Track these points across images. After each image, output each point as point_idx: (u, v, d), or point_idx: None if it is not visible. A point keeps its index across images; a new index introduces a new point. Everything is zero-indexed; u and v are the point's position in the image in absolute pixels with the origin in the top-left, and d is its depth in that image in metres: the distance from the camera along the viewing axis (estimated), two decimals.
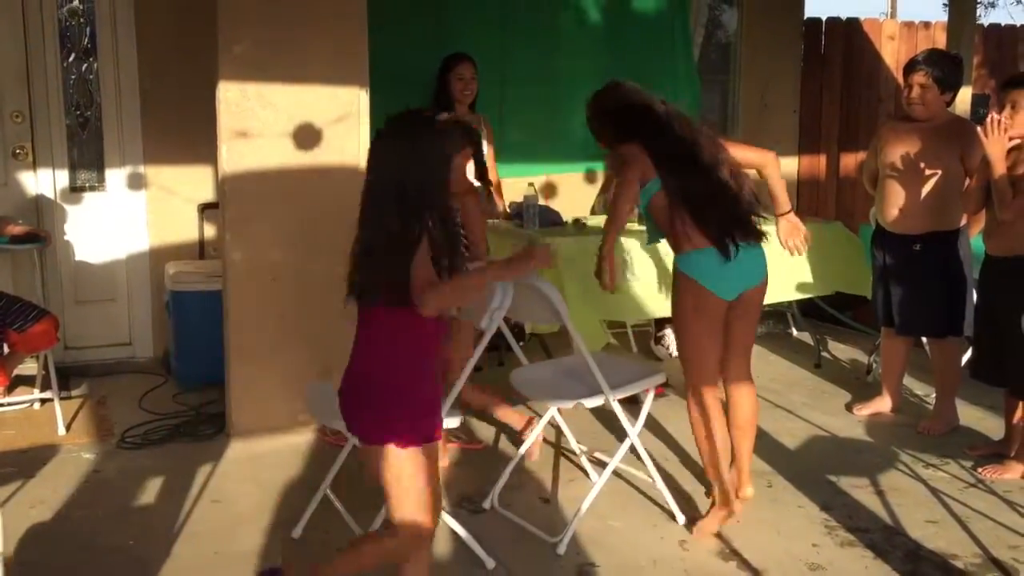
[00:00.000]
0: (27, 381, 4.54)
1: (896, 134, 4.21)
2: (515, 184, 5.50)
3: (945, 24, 6.18)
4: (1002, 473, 3.77)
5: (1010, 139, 3.65)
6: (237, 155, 3.97)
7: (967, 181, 4.05)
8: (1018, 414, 3.87)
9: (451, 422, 3.02)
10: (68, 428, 4.19)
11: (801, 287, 4.98)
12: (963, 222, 4.19)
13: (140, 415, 4.37)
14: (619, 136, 3.34)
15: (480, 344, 3.11)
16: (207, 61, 4.10)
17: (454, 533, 3.14)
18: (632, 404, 3.61)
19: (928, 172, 4.08)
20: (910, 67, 4.13)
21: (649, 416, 4.18)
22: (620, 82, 3.49)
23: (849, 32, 6.86)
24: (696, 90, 6.17)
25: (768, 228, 3.39)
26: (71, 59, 4.99)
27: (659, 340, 5.37)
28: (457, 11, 5.49)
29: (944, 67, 4.07)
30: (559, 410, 3.57)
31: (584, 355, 3.24)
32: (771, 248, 3.40)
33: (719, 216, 3.17)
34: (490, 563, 3.04)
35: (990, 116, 3.61)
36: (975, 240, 4.18)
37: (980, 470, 3.81)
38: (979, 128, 3.69)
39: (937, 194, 4.08)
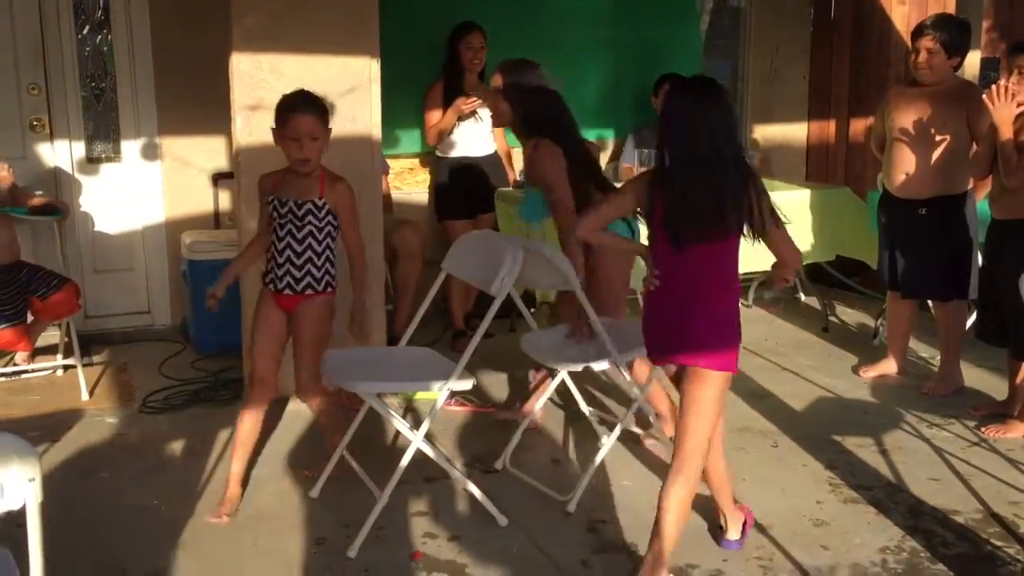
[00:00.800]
0: (48, 350, 4.64)
1: (904, 99, 4.24)
2: None
3: None
4: (1004, 432, 3.84)
5: (1017, 104, 3.69)
6: (251, 126, 4.03)
7: (974, 145, 4.08)
8: (1021, 375, 3.93)
9: (463, 384, 3.10)
10: (91, 393, 4.30)
11: (805, 252, 5.03)
12: (970, 186, 4.22)
13: (160, 381, 4.48)
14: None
15: (491, 311, 3.18)
16: (219, 32, 4.16)
17: (468, 493, 3.23)
18: None
19: (935, 136, 4.11)
20: (917, 32, 4.16)
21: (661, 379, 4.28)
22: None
23: None
24: (699, 61, 6.18)
25: None
26: (85, 31, 5.05)
27: None
28: None
29: (951, 32, 4.09)
30: (569, 373, 3.65)
31: (592, 320, 3.31)
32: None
33: None
34: (503, 520, 3.14)
35: (998, 82, 3.64)
36: (981, 204, 4.22)
37: (983, 429, 3.88)
38: (985, 93, 3.72)
39: (944, 158, 4.12)
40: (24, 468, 1.58)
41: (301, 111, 3.17)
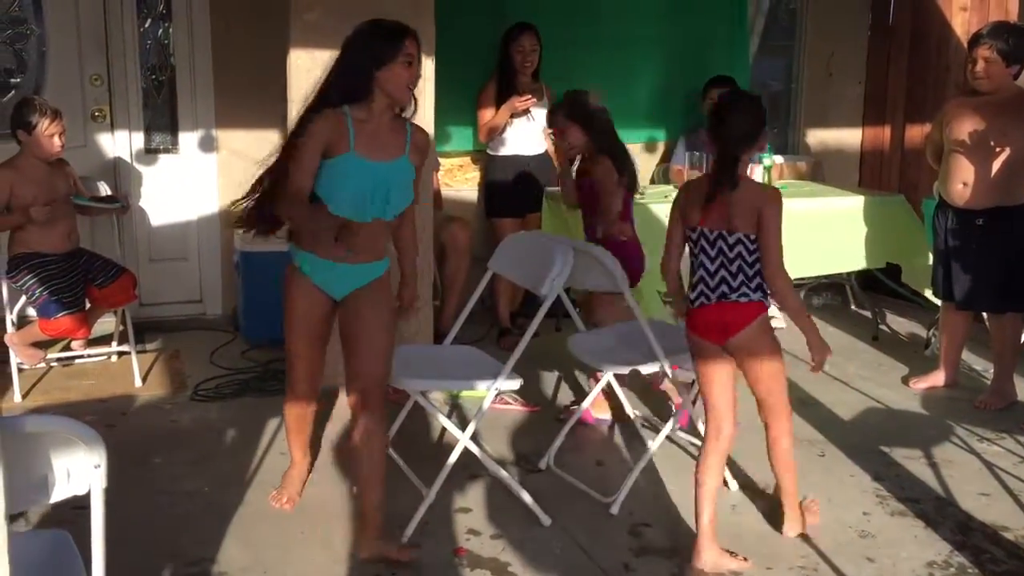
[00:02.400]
0: (103, 337, 4.74)
1: (962, 109, 4.17)
2: None
3: None
4: None
5: None
6: None
7: None
8: None
9: (511, 384, 3.12)
10: (144, 380, 4.39)
11: (853, 259, 4.99)
12: None
13: (211, 369, 4.56)
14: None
15: (540, 311, 3.20)
16: (278, 27, 4.22)
17: (511, 491, 3.25)
18: None
19: (994, 147, 4.04)
20: (974, 41, 4.10)
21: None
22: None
23: (918, 2, 6.72)
24: (746, 62, 6.12)
25: None
26: (147, 24, 5.15)
27: None
28: None
29: (1009, 39, 4.02)
30: (615, 376, 3.66)
31: (640, 322, 3.31)
32: (828, 219, 3.39)
33: None
34: (546, 520, 3.15)
35: None
36: None
37: None
38: None
39: (1003, 169, 4.05)
40: (91, 454, 1.63)
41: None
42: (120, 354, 4.61)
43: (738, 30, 6.09)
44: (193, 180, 5.29)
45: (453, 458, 3.10)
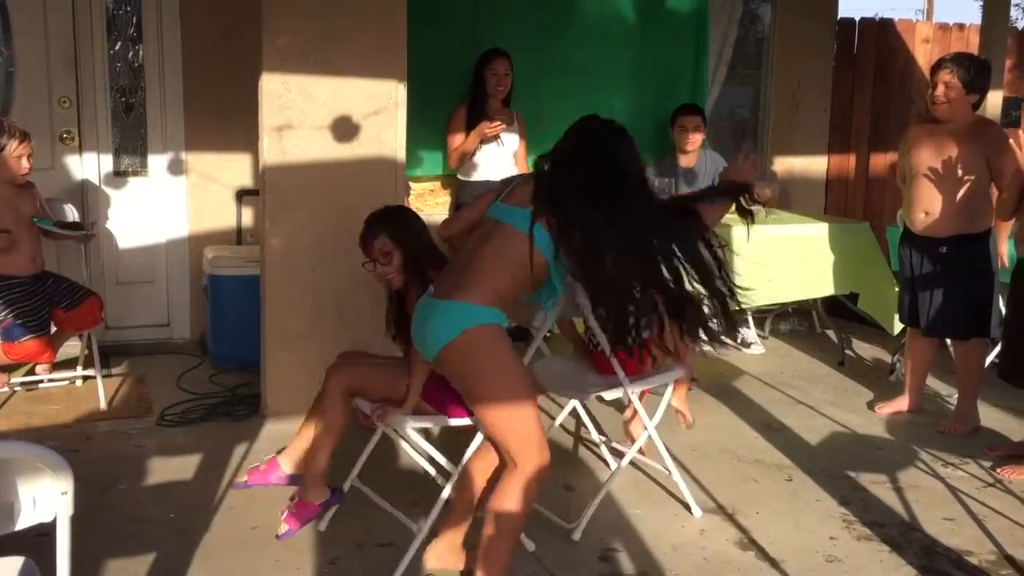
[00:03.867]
0: (68, 361, 4.68)
1: (923, 136, 4.26)
2: None
3: (979, 27, 6.19)
4: (1019, 474, 3.82)
5: None
6: (278, 145, 4.08)
7: (992, 184, 4.11)
8: None
9: None
10: (109, 405, 4.34)
11: (820, 286, 5.06)
12: (991, 224, 4.23)
13: (178, 394, 4.52)
14: None
15: (533, 343, 3.22)
16: (248, 50, 4.23)
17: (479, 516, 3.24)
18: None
19: (954, 175, 4.12)
20: (937, 66, 4.20)
21: (672, 409, 4.29)
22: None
23: (882, 33, 6.88)
24: (705, 90, 6.20)
25: None
26: (117, 46, 5.13)
27: None
28: (491, 5, 5.57)
29: (971, 69, 4.11)
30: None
31: (605, 348, 3.33)
32: (795, 246, 3.44)
33: None
34: (531, 545, 3.13)
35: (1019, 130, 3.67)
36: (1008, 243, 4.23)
37: (998, 470, 3.87)
38: (1010, 136, 3.75)
39: (963, 197, 4.13)
40: (57, 481, 1.61)
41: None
42: (85, 378, 4.56)
43: (701, 59, 6.17)
44: (162, 203, 5.26)
45: (446, 493, 3.09)
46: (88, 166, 5.11)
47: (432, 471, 3.26)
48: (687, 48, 6.12)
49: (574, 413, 3.85)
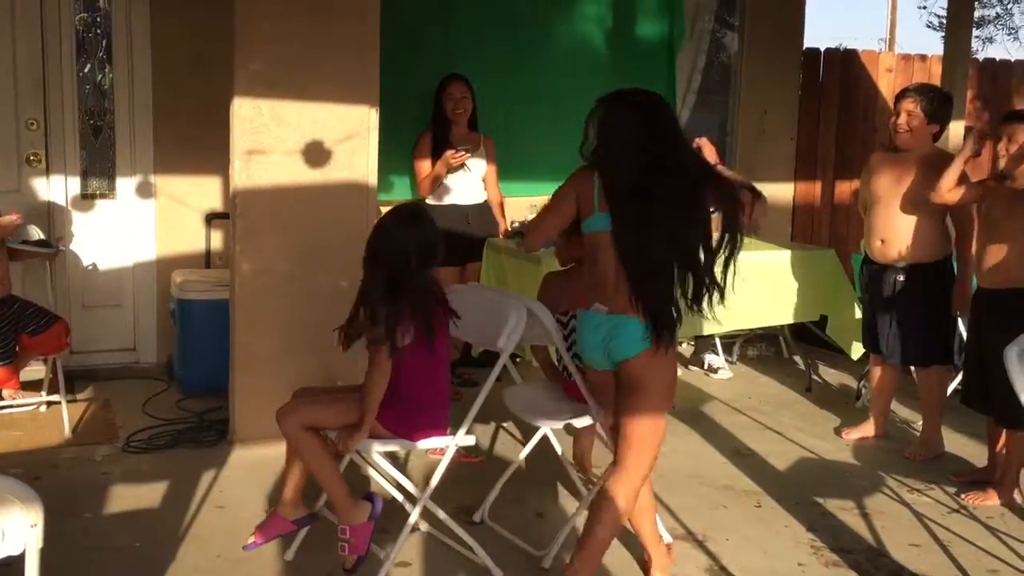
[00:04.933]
0: (32, 385, 4.61)
1: (884, 164, 4.35)
2: (517, 203, 5.61)
3: (941, 57, 6.32)
4: (984, 500, 3.87)
5: (995, 174, 3.81)
6: (249, 170, 4.07)
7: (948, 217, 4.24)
8: (1001, 442, 3.98)
9: (468, 440, 3.14)
10: (74, 431, 4.27)
11: (790, 312, 5.12)
12: (949, 252, 4.31)
13: (144, 420, 4.47)
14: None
15: (497, 365, 3.21)
16: (220, 74, 4.22)
17: (451, 544, 3.23)
18: None
19: (911, 204, 4.20)
20: (901, 95, 4.30)
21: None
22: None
23: (846, 63, 7.01)
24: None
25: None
26: (87, 68, 5.10)
27: None
28: (462, 31, 5.61)
29: (933, 100, 4.21)
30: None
31: (574, 375, 3.35)
32: (762, 273, 3.48)
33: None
34: (498, 573, 3.13)
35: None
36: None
37: (963, 496, 3.92)
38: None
39: (922, 225, 4.21)
40: (27, 513, 1.59)
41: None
42: (49, 403, 4.49)
43: (670, 87, 6.25)
44: (130, 226, 5.21)
45: (413, 519, 3.08)
46: (55, 188, 5.07)
47: (400, 497, 3.25)
48: (657, 76, 6.20)
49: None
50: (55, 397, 4.37)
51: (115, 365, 5.21)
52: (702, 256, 2.81)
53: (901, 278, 4.28)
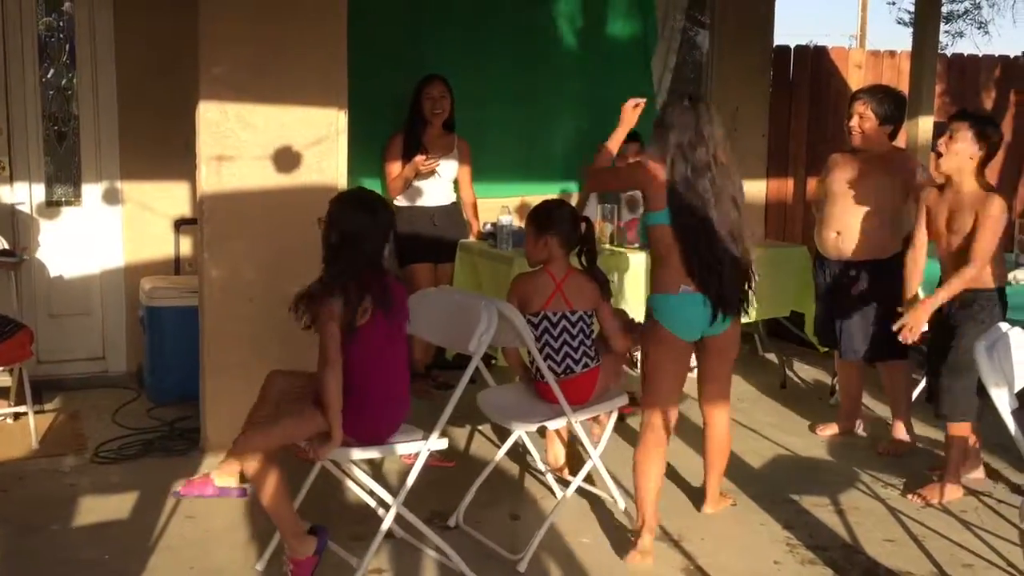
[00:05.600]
0: None
1: (842, 163, 4.40)
2: (490, 204, 5.58)
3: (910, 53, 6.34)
4: (935, 495, 3.84)
5: (942, 174, 3.86)
6: (216, 174, 4.02)
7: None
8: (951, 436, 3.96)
9: (440, 444, 3.11)
10: (41, 442, 4.20)
11: (762, 309, 5.11)
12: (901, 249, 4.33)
13: (114, 430, 4.40)
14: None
15: (468, 369, 3.19)
16: (186, 78, 4.17)
17: (424, 549, 3.20)
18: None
19: (866, 200, 4.23)
20: (853, 97, 4.36)
21: (620, 435, 4.30)
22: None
23: (816, 60, 7.03)
24: (651, 115, 6.25)
25: None
26: (50, 74, 5.02)
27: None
28: (434, 33, 5.57)
29: (884, 101, 4.25)
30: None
31: (548, 380, 3.34)
32: None
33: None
34: None
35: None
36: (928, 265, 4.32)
37: (909, 496, 3.88)
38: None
39: (874, 222, 4.24)
40: None
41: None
42: (16, 415, 4.42)
43: (645, 86, 6.24)
44: (97, 233, 5.14)
45: (385, 525, 3.04)
46: (19, 196, 4.99)
47: (372, 503, 3.22)
48: (632, 75, 6.19)
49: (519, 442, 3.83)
50: (22, 408, 4.30)
51: (84, 374, 5.13)
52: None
53: (855, 273, 4.31)
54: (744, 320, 3.49)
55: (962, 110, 4.08)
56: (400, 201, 5.21)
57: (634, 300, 4.62)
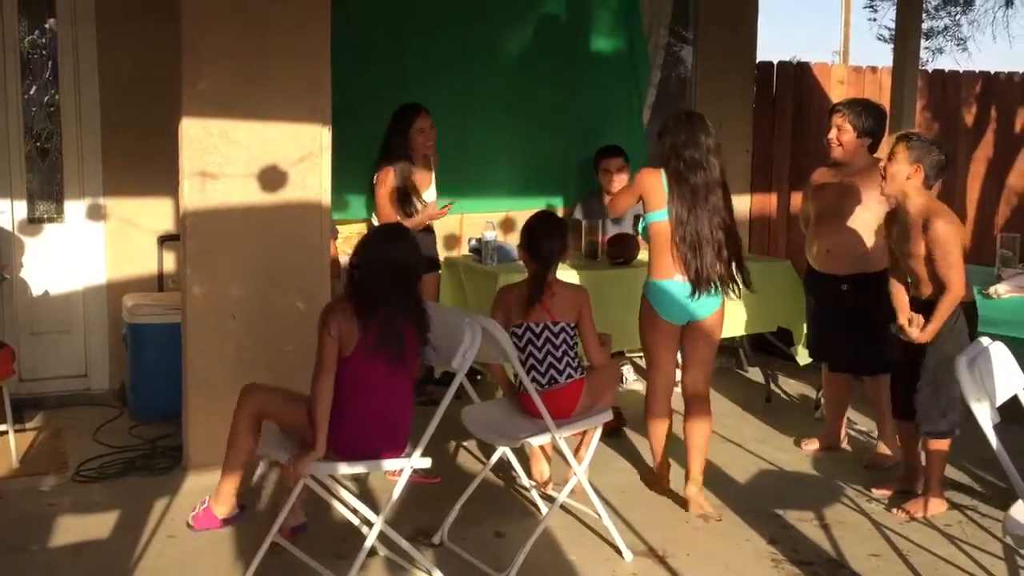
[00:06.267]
0: None
1: (825, 178, 4.42)
2: (475, 219, 5.59)
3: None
4: (919, 509, 3.85)
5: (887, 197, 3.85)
6: (199, 190, 4.01)
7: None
8: (922, 449, 4.00)
9: (424, 462, 3.10)
10: (22, 460, 4.17)
11: (747, 323, 5.13)
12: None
13: (95, 448, 4.36)
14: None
15: (452, 385, 3.18)
16: (169, 94, 4.16)
17: (406, 566, 3.18)
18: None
19: (852, 215, 4.26)
20: (831, 111, 4.38)
21: (605, 450, 4.30)
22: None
23: (799, 75, 7.08)
24: (641, 131, 6.30)
25: None
26: (33, 90, 5.01)
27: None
28: (418, 48, 5.57)
29: (863, 113, 4.28)
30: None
31: (531, 394, 3.33)
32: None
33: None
34: None
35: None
36: None
37: (895, 511, 3.88)
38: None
39: (861, 236, 4.26)
40: None
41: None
42: None
43: (634, 99, 6.27)
44: (79, 250, 5.11)
45: (369, 543, 3.02)
46: (1, 213, 4.95)
47: (356, 520, 3.20)
48: (618, 89, 6.21)
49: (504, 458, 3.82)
50: (2, 427, 4.26)
51: (66, 392, 5.09)
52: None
53: (844, 287, 4.32)
54: (732, 331, 3.79)
55: (903, 132, 4.04)
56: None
57: (615, 315, 4.61)
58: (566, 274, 4.41)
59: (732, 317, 5.07)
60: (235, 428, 3.29)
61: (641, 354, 5.78)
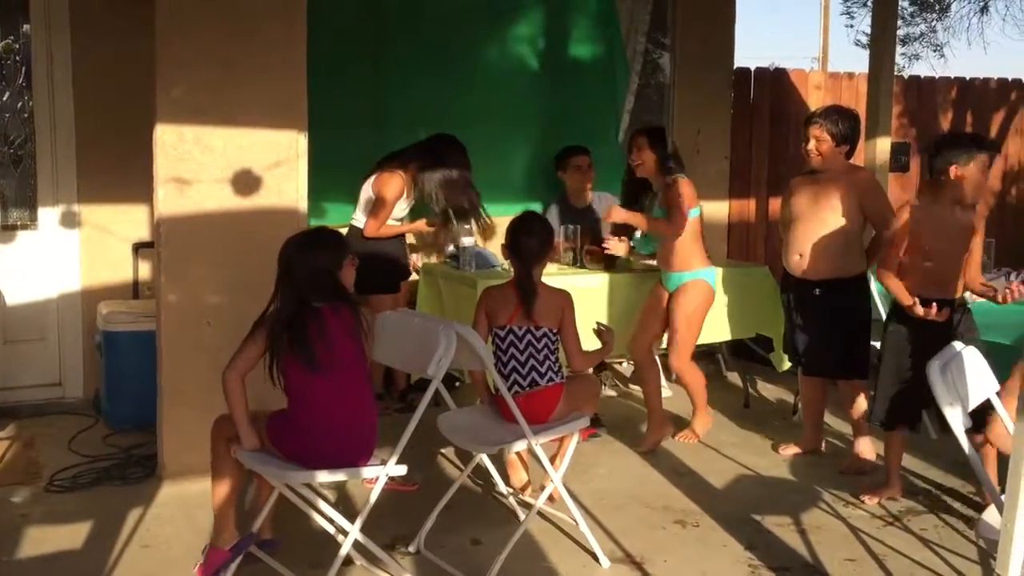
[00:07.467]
0: None
1: (802, 185, 4.44)
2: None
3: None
4: (878, 495, 4.01)
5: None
6: (174, 197, 3.98)
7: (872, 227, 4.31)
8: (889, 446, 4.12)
9: (399, 470, 3.07)
10: None
11: (724, 329, 5.14)
12: (865, 268, 4.37)
13: (69, 457, 4.32)
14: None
15: (427, 392, 3.16)
16: (144, 101, 4.13)
17: None
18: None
19: (827, 220, 4.28)
20: (808, 121, 4.39)
21: (584, 457, 4.29)
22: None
23: (776, 81, 7.12)
24: (616, 135, 6.31)
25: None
26: (6, 96, 4.96)
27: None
28: (395, 54, 5.57)
29: (839, 122, 4.30)
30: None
31: (508, 400, 3.32)
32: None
33: None
34: None
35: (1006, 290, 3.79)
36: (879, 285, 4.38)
37: (862, 497, 4.03)
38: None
39: (836, 241, 4.28)
40: None
41: None
42: None
43: (613, 106, 6.28)
44: (53, 257, 5.07)
45: (343, 551, 3.00)
46: None
47: (331, 529, 3.17)
48: (596, 95, 6.22)
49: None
50: None
51: (40, 401, 5.05)
52: None
53: (818, 292, 4.34)
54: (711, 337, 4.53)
55: (984, 139, 4.17)
56: (370, 232, 5.11)
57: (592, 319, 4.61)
58: (573, 280, 4.57)
59: (712, 323, 5.10)
60: (215, 458, 3.20)
61: (621, 361, 5.85)
